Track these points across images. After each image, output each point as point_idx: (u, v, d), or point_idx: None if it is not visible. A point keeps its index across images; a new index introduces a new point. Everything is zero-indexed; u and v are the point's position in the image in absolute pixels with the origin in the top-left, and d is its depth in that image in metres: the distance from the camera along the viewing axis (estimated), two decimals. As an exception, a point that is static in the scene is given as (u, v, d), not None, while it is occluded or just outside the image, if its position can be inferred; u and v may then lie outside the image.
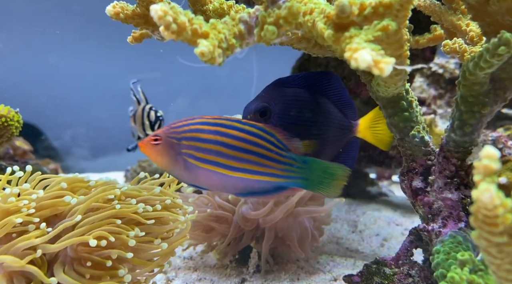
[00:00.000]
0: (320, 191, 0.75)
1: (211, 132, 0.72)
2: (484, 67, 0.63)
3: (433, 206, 0.73)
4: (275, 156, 0.73)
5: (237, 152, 0.72)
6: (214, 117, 0.74)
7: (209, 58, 0.54)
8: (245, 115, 0.82)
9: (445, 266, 0.64)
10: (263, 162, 0.73)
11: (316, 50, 0.79)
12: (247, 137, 0.73)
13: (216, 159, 0.71)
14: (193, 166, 0.72)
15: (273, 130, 0.75)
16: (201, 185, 0.76)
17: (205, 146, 0.72)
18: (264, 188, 0.76)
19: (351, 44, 0.52)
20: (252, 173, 0.72)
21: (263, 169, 0.73)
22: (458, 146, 0.72)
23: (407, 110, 0.77)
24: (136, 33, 0.87)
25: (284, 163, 0.74)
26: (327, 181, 0.75)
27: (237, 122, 0.74)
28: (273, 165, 0.73)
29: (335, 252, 1.26)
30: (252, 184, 0.74)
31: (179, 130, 0.73)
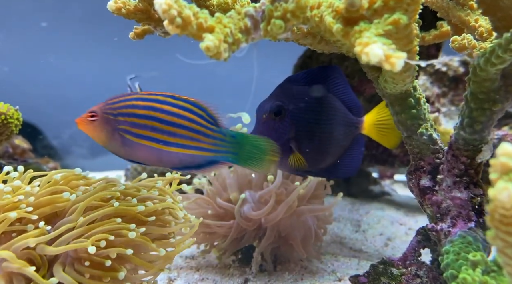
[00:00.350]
0: (250, 166, 0.77)
1: (146, 107, 0.73)
2: (496, 63, 0.62)
3: (441, 205, 0.72)
4: (205, 131, 0.75)
5: (171, 127, 0.73)
6: (149, 93, 0.75)
7: (214, 53, 0.52)
8: (259, 114, 0.82)
9: (455, 266, 0.62)
10: (195, 136, 0.75)
11: (322, 46, 0.78)
12: (181, 112, 0.74)
13: (152, 134, 0.73)
14: (130, 142, 0.73)
15: (205, 105, 0.77)
16: (139, 161, 0.77)
17: (141, 122, 0.73)
18: (198, 162, 0.77)
19: (362, 39, 0.50)
20: (186, 147, 0.74)
21: (196, 143, 0.75)
22: (467, 144, 0.71)
23: (414, 108, 0.75)
24: (138, 29, 0.86)
25: (214, 138, 0.76)
26: (257, 156, 0.77)
27: (171, 97, 0.75)
28: (204, 139, 0.75)
29: (339, 252, 1.24)
30: (186, 159, 0.76)
31: (115, 106, 0.74)
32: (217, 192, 1.11)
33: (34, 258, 0.70)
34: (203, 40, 0.52)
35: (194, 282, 1.03)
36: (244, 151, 0.77)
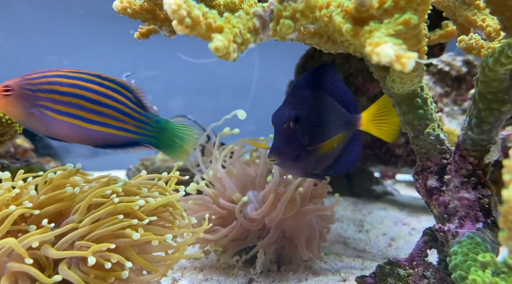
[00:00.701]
0: (167, 153, 0.79)
1: (70, 85, 0.73)
2: (505, 63, 0.61)
3: (449, 205, 0.72)
4: (131, 112, 0.77)
5: (96, 106, 0.74)
6: (72, 71, 0.76)
7: (223, 53, 0.52)
8: (280, 124, 0.83)
9: (463, 267, 0.62)
10: (119, 117, 0.76)
11: (329, 45, 0.77)
12: (107, 91, 0.75)
13: (75, 111, 0.73)
14: (50, 118, 0.74)
15: (132, 87, 0.79)
16: (58, 138, 0.77)
17: (64, 99, 0.73)
18: (121, 142, 0.79)
19: (372, 39, 0.50)
20: (109, 127, 0.75)
21: (120, 124, 0.76)
22: (475, 145, 0.70)
23: (422, 108, 0.75)
24: (143, 29, 0.85)
25: (138, 120, 0.77)
26: (176, 144, 0.79)
27: (97, 77, 0.76)
28: (128, 120, 0.77)
29: (343, 252, 1.24)
30: (109, 138, 0.77)
31: (34, 82, 0.74)
32: (220, 193, 1.10)
33: (40, 258, 0.69)
34: (212, 41, 0.52)
35: (198, 282, 1.03)
36: (165, 138, 0.79)
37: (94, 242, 0.71)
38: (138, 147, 0.81)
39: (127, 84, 0.78)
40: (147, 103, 0.79)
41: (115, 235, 0.73)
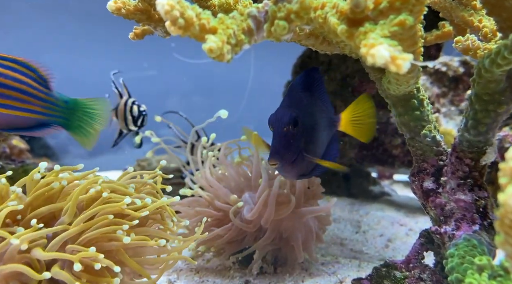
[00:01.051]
0: (77, 135, 0.77)
1: None
2: (502, 64, 0.61)
3: (445, 207, 0.71)
4: (35, 92, 0.75)
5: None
6: None
7: (217, 55, 0.51)
8: (280, 127, 0.83)
9: (460, 270, 0.62)
10: (24, 98, 0.74)
11: (324, 47, 0.77)
12: (8, 72, 0.73)
13: None
14: None
15: (35, 65, 0.77)
16: None
17: None
18: (28, 124, 0.77)
19: (367, 40, 0.50)
20: (14, 109, 0.73)
21: (24, 105, 0.74)
22: (472, 146, 0.70)
23: (418, 109, 0.74)
24: (138, 29, 0.85)
25: (44, 100, 0.76)
26: (86, 123, 0.78)
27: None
28: (33, 101, 0.75)
29: (339, 253, 1.24)
30: (14, 120, 0.75)
31: None
32: (215, 196, 1.10)
33: (32, 261, 0.69)
34: (205, 42, 0.51)
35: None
36: (75, 117, 0.77)
37: (85, 245, 0.70)
38: (47, 128, 0.78)
39: (28, 62, 0.75)
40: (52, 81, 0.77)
41: (108, 238, 0.72)
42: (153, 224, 0.84)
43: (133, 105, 1.32)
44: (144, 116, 1.33)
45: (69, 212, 0.71)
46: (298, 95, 0.91)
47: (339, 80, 1.46)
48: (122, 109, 1.33)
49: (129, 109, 1.31)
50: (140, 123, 1.32)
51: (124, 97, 1.36)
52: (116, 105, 1.38)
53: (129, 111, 1.31)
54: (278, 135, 0.84)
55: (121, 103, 1.35)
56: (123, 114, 1.32)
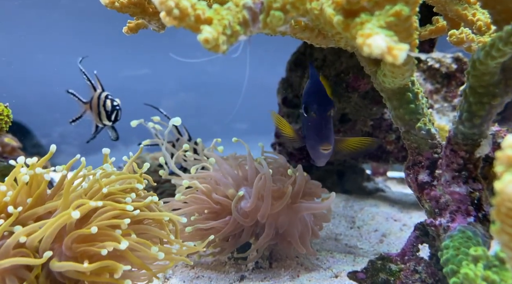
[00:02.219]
0: None
1: None
2: (496, 56, 0.61)
3: (440, 200, 0.72)
4: None
5: None
6: None
7: (213, 45, 0.51)
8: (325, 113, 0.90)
9: (455, 262, 0.62)
10: None
11: (319, 40, 0.77)
12: None
13: None
14: None
15: None
16: None
17: None
18: None
19: (363, 30, 0.50)
20: None
21: None
22: (466, 139, 0.70)
23: (413, 102, 0.75)
24: (131, 23, 0.84)
25: None
26: None
27: None
28: None
29: (334, 248, 1.24)
30: None
31: None
32: (213, 189, 1.09)
33: (27, 255, 0.68)
34: (201, 32, 0.51)
35: (189, 279, 1.02)
36: None
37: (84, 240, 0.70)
38: None
39: None
40: None
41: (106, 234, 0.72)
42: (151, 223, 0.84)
43: (106, 99, 1.27)
44: (118, 111, 1.28)
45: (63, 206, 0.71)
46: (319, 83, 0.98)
47: (334, 76, 1.46)
48: (95, 103, 1.27)
49: (102, 103, 1.26)
50: (114, 118, 1.26)
51: (97, 90, 1.31)
52: (90, 98, 1.32)
53: (102, 105, 1.25)
54: (324, 120, 0.89)
55: (95, 96, 1.29)
56: (97, 108, 1.26)
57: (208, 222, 1.04)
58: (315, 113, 0.90)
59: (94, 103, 1.29)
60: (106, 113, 1.26)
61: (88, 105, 1.32)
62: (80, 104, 1.34)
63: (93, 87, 1.33)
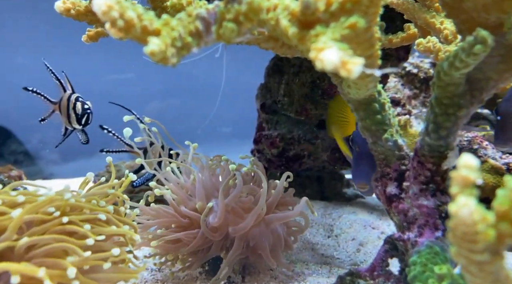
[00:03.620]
0: None
1: None
2: (460, 67, 0.60)
3: (408, 213, 0.70)
4: None
5: None
6: None
7: (160, 58, 0.48)
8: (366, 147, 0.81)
9: (422, 279, 0.60)
10: None
11: (285, 50, 0.74)
12: None
13: None
14: None
15: None
16: None
17: None
18: None
19: (317, 43, 0.47)
20: None
21: None
22: (433, 150, 0.69)
23: (379, 113, 0.73)
24: (91, 32, 0.81)
25: None
26: None
27: None
28: None
29: (310, 259, 1.22)
30: None
31: None
32: (182, 201, 1.06)
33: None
34: (147, 44, 0.48)
35: (158, 296, 0.99)
36: None
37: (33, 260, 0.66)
38: None
39: None
40: None
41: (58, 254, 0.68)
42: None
43: (76, 102, 1.20)
44: (89, 114, 1.21)
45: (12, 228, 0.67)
46: None
47: (310, 82, 1.44)
48: (65, 105, 1.20)
49: (72, 105, 1.18)
50: (85, 122, 1.19)
51: (67, 92, 1.24)
52: (59, 99, 1.25)
53: (72, 108, 1.18)
54: (366, 155, 0.82)
55: (64, 98, 1.22)
56: (66, 110, 1.19)
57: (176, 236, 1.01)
58: (358, 146, 0.89)
59: (64, 105, 1.22)
60: (76, 116, 1.19)
61: (57, 105, 1.25)
62: (47, 104, 1.26)
63: (62, 87, 1.25)
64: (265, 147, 1.64)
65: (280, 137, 1.60)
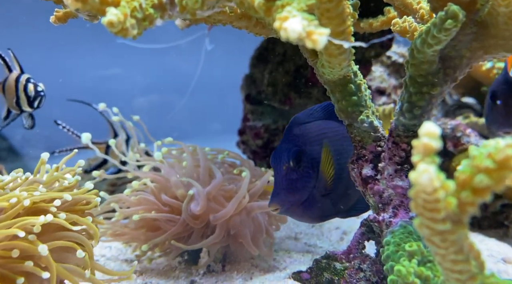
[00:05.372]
0: None
1: None
2: (432, 44, 0.59)
3: (383, 194, 0.69)
4: None
5: None
6: None
7: (119, 29, 0.46)
8: (279, 166, 0.74)
9: (395, 258, 0.59)
10: None
11: (258, 29, 0.73)
12: None
13: None
14: None
15: None
16: None
17: None
18: None
19: (281, 13, 0.46)
20: None
21: None
22: (407, 130, 0.68)
23: (355, 94, 0.72)
24: (59, 12, 0.78)
25: None
26: None
27: None
28: None
29: (293, 247, 1.21)
30: None
31: None
32: (162, 189, 1.05)
33: None
34: (105, 15, 0.46)
35: (136, 286, 0.97)
36: None
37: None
38: None
39: None
40: None
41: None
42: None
43: (28, 83, 1.12)
44: (41, 97, 1.13)
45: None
46: (305, 126, 0.80)
47: (293, 71, 1.43)
48: (12, 85, 1.12)
49: (23, 87, 1.11)
50: (37, 105, 1.12)
51: (14, 72, 1.15)
52: (3, 79, 1.16)
53: (23, 89, 1.10)
54: (279, 175, 0.75)
55: (11, 78, 1.13)
56: (14, 91, 1.11)
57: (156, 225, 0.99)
58: (271, 165, 0.78)
59: (10, 85, 1.13)
60: (27, 99, 1.11)
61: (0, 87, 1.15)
62: None
63: (7, 67, 1.16)
64: (249, 138, 1.62)
65: (264, 128, 1.59)
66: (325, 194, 0.76)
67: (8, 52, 1.16)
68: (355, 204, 0.85)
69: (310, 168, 0.75)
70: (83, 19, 0.82)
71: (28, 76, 1.15)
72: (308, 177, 0.75)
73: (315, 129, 0.81)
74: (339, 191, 0.79)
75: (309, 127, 0.81)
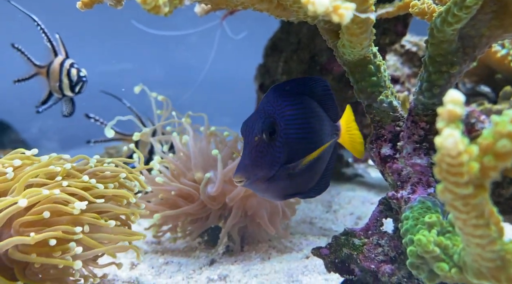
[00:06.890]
0: None
1: None
2: (452, 22, 0.60)
3: (402, 172, 0.71)
4: None
5: None
6: None
7: (152, 6, 0.49)
8: (249, 136, 0.68)
9: (413, 232, 0.61)
10: None
11: (279, 12, 0.75)
12: None
13: None
14: None
15: None
16: None
17: None
18: None
19: (308, -11, 0.48)
20: None
21: None
22: (426, 109, 0.69)
23: (375, 75, 0.73)
24: (86, -2, 0.81)
25: None
26: None
27: None
28: None
29: (309, 231, 1.23)
30: None
31: None
32: (182, 172, 1.07)
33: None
34: (139, -7, 0.48)
35: (158, 266, 1.00)
36: None
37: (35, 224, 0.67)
38: None
39: None
40: None
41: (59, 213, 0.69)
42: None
43: (71, 68, 1.12)
44: (83, 83, 1.13)
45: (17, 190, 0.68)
46: (281, 98, 0.73)
47: (308, 59, 1.45)
48: (57, 69, 1.12)
49: (66, 71, 1.11)
50: (78, 90, 1.12)
51: (59, 56, 1.16)
52: (48, 63, 1.16)
53: (66, 74, 1.11)
54: (248, 145, 0.68)
55: (56, 62, 1.14)
56: (58, 75, 1.11)
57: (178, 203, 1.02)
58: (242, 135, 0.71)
59: (55, 70, 1.13)
60: (70, 83, 1.11)
61: (44, 70, 1.16)
62: (30, 65, 1.17)
63: (53, 51, 1.16)
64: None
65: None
66: (292, 173, 0.71)
67: (56, 36, 1.17)
68: (315, 185, 0.79)
69: (282, 144, 0.68)
70: (108, 5, 0.84)
71: (72, 61, 1.15)
72: (279, 153, 0.68)
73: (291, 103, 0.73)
74: (306, 173, 0.73)
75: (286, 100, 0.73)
